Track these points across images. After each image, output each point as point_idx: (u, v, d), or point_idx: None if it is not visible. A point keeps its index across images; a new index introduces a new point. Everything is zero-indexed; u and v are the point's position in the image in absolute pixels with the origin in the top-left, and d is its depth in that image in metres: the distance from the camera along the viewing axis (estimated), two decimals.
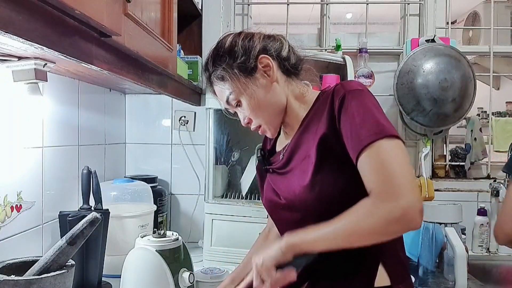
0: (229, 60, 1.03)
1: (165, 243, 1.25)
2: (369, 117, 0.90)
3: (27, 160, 1.26)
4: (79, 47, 0.80)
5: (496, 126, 2.14)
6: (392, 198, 0.83)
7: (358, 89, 0.95)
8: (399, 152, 0.88)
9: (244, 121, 1.09)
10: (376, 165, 0.86)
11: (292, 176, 1.02)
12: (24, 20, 0.62)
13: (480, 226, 1.98)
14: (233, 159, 1.92)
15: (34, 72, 1.06)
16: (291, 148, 1.05)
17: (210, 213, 1.74)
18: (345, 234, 0.87)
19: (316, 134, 0.97)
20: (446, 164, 2.13)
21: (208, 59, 1.09)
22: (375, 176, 0.86)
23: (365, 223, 0.85)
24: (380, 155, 0.87)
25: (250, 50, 1.03)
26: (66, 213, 1.27)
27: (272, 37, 1.08)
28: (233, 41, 1.05)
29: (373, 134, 0.87)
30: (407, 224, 0.84)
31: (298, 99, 1.08)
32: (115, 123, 1.94)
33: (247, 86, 1.03)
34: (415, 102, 1.93)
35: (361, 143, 0.88)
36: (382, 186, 0.85)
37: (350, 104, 0.92)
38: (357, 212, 0.87)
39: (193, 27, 2.04)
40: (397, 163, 0.86)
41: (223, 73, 1.04)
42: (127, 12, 0.92)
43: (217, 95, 1.11)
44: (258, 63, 1.03)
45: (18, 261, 1.00)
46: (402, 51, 2.09)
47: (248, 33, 1.08)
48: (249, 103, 1.04)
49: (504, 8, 2.49)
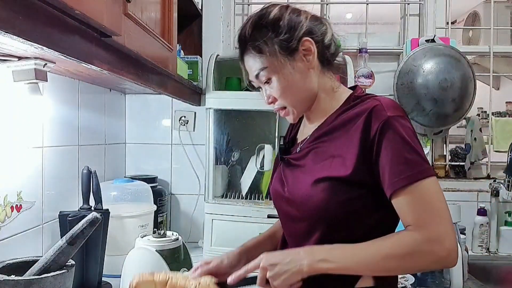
0: (271, 34, 0.98)
1: (165, 243, 1.25)
2: (410, 154, 0.89)
3: (27, 160, 1.26)
4: (79, 47, 0.80)
5: (496, 126, 2.14)
6: (438, 239, 0.85)
7: (399, 115, 0.92)
8: (440, 192, 0.90)
9: (268, 99, 1.04)
10: (419, 203, 0.87)
11: (301, 172, 1.01)
12: (24, 20, 0.62)
13: (480, 226, 1.98)
14: (233, 159, 1.92)
15: (34, 72, 1.06)
16: (310, 144, 1.02)
17: (210, 213, 1.74)
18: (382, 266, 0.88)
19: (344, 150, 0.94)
20: (446, 164, 2.13)
21: (247, 25, 1.01)
22: (418, 213, 0.87)
23: (411, 260, 0.86)
24: (421, 194, 0.87)
25: (296, 29, 0.98)
26: (66, 213, 1.27)
27: (319, 20, 1.03)
28: (279, 14, 0.99)
29: (417, 173, 0.87)
30: (449, 265, 0.88)
31: (328, 92, 1.04)
32: (115, 123, 1.94)
33: (283, 66, 0.98)
34: (415, 102, 1.93)
35: (403, 180, 0.87)
36: (426, 225, 0.86)
37: (392, 133, 0.89)
38: (401, 246, 0.87)
39: (193, 27, 2.04)
40: (438, 202, 0.88)
41: (262, 46, 0.98)
42: (127, 12, 0.92)
43: (246, 65, 1.04)
44: (300, 45, 0.98)
45: (18, 261, 1.00)
46: (402, 51, 2.09)
47: (295, 9, 1.01)
48: (281, 84, 0.99)
49: (504, 8, 2.49)
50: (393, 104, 0.94)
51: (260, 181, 1.80)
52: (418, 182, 0.87)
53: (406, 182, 0.87)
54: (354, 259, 0.88)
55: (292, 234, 1.04)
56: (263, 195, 1.78)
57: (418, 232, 0.86)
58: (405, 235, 0.88)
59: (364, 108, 0.95)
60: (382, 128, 0.90)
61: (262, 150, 1.70)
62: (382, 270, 0.88)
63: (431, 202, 0.87)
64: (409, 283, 1.48)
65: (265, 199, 1.75)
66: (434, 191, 0.88)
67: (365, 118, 0.92)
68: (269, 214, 1.67)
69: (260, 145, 1.72)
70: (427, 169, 0.89)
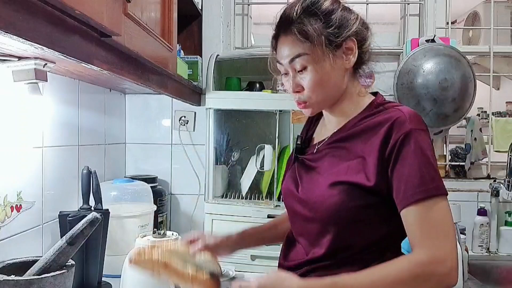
0: (321, 24, 0.96)
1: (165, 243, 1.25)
2: (427, 169, 0.89)
3: (27, 160, 1.26)
4: (79, 47, 0.80)
5: (496, 126, 2.14)
6: (441, 262, 0.85)
7: (421, 129, 0.92)
8: (449, 212, 0.90)
9: (295, 87, 1.01)
10: (426, 223, 0.88)
11: (317, 174, 1.01)
12: (24, 20, 0.62)
13: (480, 226, 1.98)
14: (233, 159, 1.92)
15: (34, 72, 1.06)
16: (328, 146, 1.02)
17: (210, 213, 1.74)
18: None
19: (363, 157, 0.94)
20: (446, 164, 2.13)
21: (297, 6, 0.98)
22: (423, 234, 0.88)
23: (414, 285, 0.86)
24: (430, 214, 0.88)
25: (345, 27, 0.98)
26: (66, 213, 1.27)
27: (366, 25, 1.04)
28: (332, 6, 0.98)
29: (428, 190, 0.88)
30: (450, 283, 0.87)
31: (353, 96, 1.03)
32: (115, 123, 1.94)
33: (324, 59, 0.96)
34: (415, 102, 1.93)
35: (414, 195, 0.88)
36: (430, 247, 0.87)
37: (413, 146, 0.90)
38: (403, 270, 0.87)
39: (193, 27, 2.04)
40: (445, 224, 0.88)
41: (311, 32, 0.95)
42: (127, 12, 0.92)
43: (281, 45, 1.00)
44: (344, 43, 0.98)
45: (18, 261, 1.00)
46: (402, 51, 2.09)
47: (347, 7, 1.02)
48: (316, 76, 0.97)
49: (504, 8, 2.49)
50: (416, 117, 0.94)
51: (260, 181, 1.80)
52: (430, 200, 0.88)
53: (419, 197, 0.88)
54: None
55: (303, 234, 1.04)
56: (263, 195, 1.77)
57: (422, 253, 0.87)
58: (409, 259, 0.88)
59: (387, 118, 0.95)
60: (403, 140, 0.90)
61: (262, 150, 1.70)
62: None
63: (440, 221, 0.88)
64: None
65: (265, 199, 1.75)
66: (444, 210, 0.89)
67: (388, 128, 0.92)
68: (269, 214, 1.67)
69: (260, 145, 1.72)
70: (441, 187, 0.89)
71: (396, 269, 0.87)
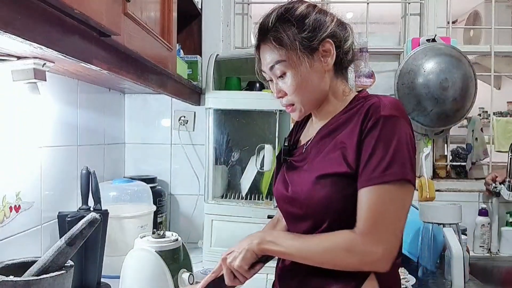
0: (295, 29, 0.98)
1: (165, 244, 1.24)
2: (390, 154, 0.89)
3: (26, 160, 1.26)
4: (78, 47, 0.80)
5: (497, 126, 2.14)
6: (375, 242, 0.89)
7: (394, 116, 0.92)
8: (403, 200, 0.91)
9: (278, 93, 1.05)
10: (375, 206, 0.89)
11: (305, 171, 1.02)
12: (24, 20, 0.62)
13: (481, 227, 1.97)
14: (233, 159, 1.92)
15: (33, 72, 1.05)
16: (313, 144, 1.04)
17: (210, 213, 1.73)
18: (319, 259, 0.93)
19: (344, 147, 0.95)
20: (447, 164, 2.13)
21: (272, 15, 1.01)
22: (369, 216, 0.90)
23: (341, 256, 0.91)
24: (383, 198, 0.89)
25: (320, 30, 0.99)
26: (65, 214, 1.27)
27: (343, 25, 1.05)
28: (306, 11, 1.00)
29: (387, 174, 0.88)
30: (378, 268, 0.91)
31: (338, 96, 1.05)
32: (114, 123, 1.94)
33: (301, 63, 0.99)
34: (416, 102, 1.93)
35: (372, 178, 0.89)
36: (371, 229, 0.89)
37: (378, 132, 0.91)
38: (337, 243, 0.91)
39: (193, 27, 2.04)
40: (395, 212, 0.90)
41: (284, 39, 0.98)
42: (127, 11, 0.91)
43: (262, 54, 1.04)
44: (320, 46, 0.99)
45: (17, 261, 1.00)
46: (403, 51, 2.08)
47: (322, 9, 1.03)
48: (295, 80, 1.00)
49: (505, 7, 2.49)
50: (392, 104, 0.94)
51: (260, 181, 1.80)
52: (386, 184, 0.88)
53: (375, 181, 0.89)
54: (297, 247, 0.94)
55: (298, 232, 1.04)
56: (263, 195, 1.77)
57: (360, 233, 0.90)
58: (345, 234, 0.92)
59: (365, 105, 0.96)
60: (373, 125, 0.92)
61: (262, 150, 1.69)
62: (318, 261, 0.93)
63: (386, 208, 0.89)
64: (410, 284, 1.48)
65: (265, 199, 1.75)
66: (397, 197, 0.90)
67: (364, 115, 0.94)
68: (269, 215, 1.66)
69: (260, 145, 1.72)
70: (401, 173, 0.89)
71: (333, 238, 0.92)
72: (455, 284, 1.46)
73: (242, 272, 0.97)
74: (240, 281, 0.99)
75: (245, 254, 0.96)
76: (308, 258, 0.94)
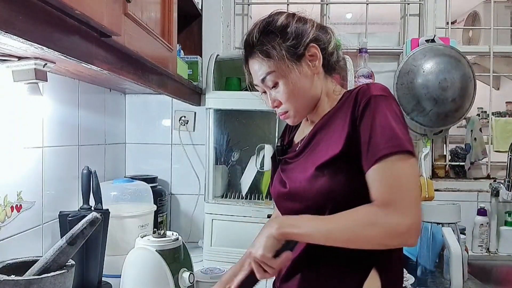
0: (279, 40, 1.01)
1: (165, 243, 1.25)
2: (388, 128, 0.90)
3: (27, 160, 1.26)
4: (79, 47, 0.80)
5: (496, 126, 2.14)
6: (398, 213, 0.86)
7: (383, 95, 0.94)
8: (411, 169, 0.90)
9: (273, 103, 1.07)
10: (387, 179, 0.88)
11: (299, 166, 1.03)
12: (24, 20, 0.62)
13: (480, 226, 1.98)
14: (233, 159, 1.92)
15: (34, 72, 1.06)
16: (307, 140, 1.05)
17: (210, 213, 1.74)
18: (342, 236, 0.89)
19: (337, 132, 0.97)
20: (446, 164, 2.13)
21: (254, 30, 1.04)
22: (384, 188, 0.88)
23: (366, 231, 0.87)
24: (392, 170, 0.88)
25: (303, 36, 1.02)
26: (66, 213, 1.27)
27: (324, 29, 1.08)
28: (286, 21, 1.03)
29: (390, 147, 0.88)
30: (406, 241, 0.89)
31: (329, 95, 1.07)
32: (115, 123, 1.94)
33: (290, 71, 1.01)
34: (415, 102, 1.93)
35: (376, 154, 0.89)
36: (390, 200, 0.87)
37: (373, 110, 0.92)
38: (359, 217, 0.89)
39: (193, 27, 2.04)
40: (407, 181, 0.88)
41: (270, 50, 1.01)
42: (127, 12, 0.92)
43: (251, 69, 1.07)
44: (306, 51, 1.02)
45: (18, 261, 1.00)
46: (402, 51, 2.09)
47: (302, 17, 1.06)
48: (288, 88, 1.02)
49: (504, 8, 2.49)
50: (380, 86, 0.97)
51: (260, 181, 1.80)
52: (389, 157, 0.88)
53: (381, 154, 0.88)
54: (318, 228, 0.91)
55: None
56: (263, 195, 1.78)
57: (380, 206, 0.87)
58: (365, 208, 0.89)
59: (353, 93, 0.99)
60: (365, 104, 0.93)
61: (262, 150, 1.70)
62: (341, 240, 0.89)
63: (397, 178, 0.88)
64: (409, 283, 1.48)
65: (265, 199, 1.75)
66: (404, 167, 0.89)
67: (354, 99, 0.96)
68: (269, 214, 1.67)
69: (260, 145, 1.72)
70: (400, 145, 0.89)
71: (352, 215, 0.89)
72: (453, 283, 1.47)
73: (266, 261, 0.91)
74: (269, 273, 0.93)
75: (266, 242, 0.91)
76: (330, 238, 0.90)
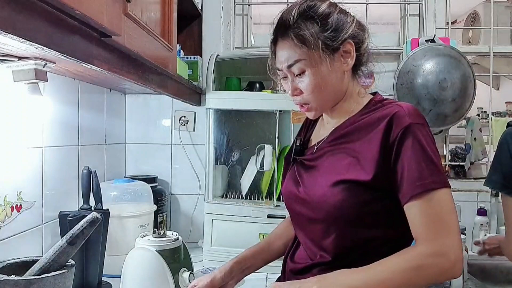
0: (318, 28, 0.96)
1: (165, 243, 1.25)
2: (429, 162, 0.89)
3: (27, 160, 1.26)
4: (79, 47, 0.80)
5: (496, 126, 2.14)
6: (444, 252, 0.85)
7: (420, 123, 0.92)
8: (452, 204, 0.90)
9: (294, 91, 1.02)
10: (431, 216, 0.88)
11: (318, 173, 1.01)
12: (24, 20, 0.62)
13: (480, 226, 1.97)
14: (233, 159, 1.92)
15: (34, 72, 1.06)
16: (327, 145, 1.03)
17: (210, 213, 1.74)
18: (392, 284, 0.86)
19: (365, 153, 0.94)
20: (446, 164, 2.13)
21: (293, 10, 0.98)
22: (428, 226, 0.87)
23: (413, 275, 0.86)
24: (436, 207, 0.88)
25: (342, 30, 0.98)
26: (66, 213, 1.27)
27: (362, 26, 1.05)
28: (329, 10, 0.98)
29: (431, 182, 0.88)
30: (453, 276, 0.88)
31: (354, 97, 1.04)
32: (115, 123, 1.94)
33: (321, 62, 0.97)
34: (415, 102, 1.93)
35: (417, 188, 0.88)
36: (435, 238, 0.86)
37: (412, 141, 0.90)
38: (403, 263, 0.87)
39: (193, 27, 2.04)
40: (450, 217, 0.88)
41: (307, 37, 0.95)
42: (127, 12, 0.92)
43: (279, 50, 1.01)
44: (342, 46, 0.98)
45: (18, 261, 1.00)
46: (402, 51, 2.09)
47: (343, 9, 1.02)
48: (314, 80, 0.97)
49: (504, 8, 2.49)
50: (415, 111, 0.94)
51: (260, 181, 1.80)
52: (432, 192, 0.87)
53: (421, 190, 0.87)
54: (362, 281, 0.87)
55: (308, 235, 1.04)
56: (263, 195, 1.77)
57: (424, 245, 0.87)
58: (411, 250, 0.88)
59: (386, 113, 0.94)
60: (403, 134, 0.90)
61: (262, 150, 1.70)
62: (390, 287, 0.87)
63: (442, 214, 0.88)
64: None
65: (265, 199, 1.75)
66: (447, 202, 0.89)
67: (387, 123, 0.92)
68: (269, 214, 1.67)
69: (260, 145, 1.72)
70: (443, 180, 0.89)
71: (398, 260, 0.88)
72: (454, 284, 1.47)
73: None
74: None
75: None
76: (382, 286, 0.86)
